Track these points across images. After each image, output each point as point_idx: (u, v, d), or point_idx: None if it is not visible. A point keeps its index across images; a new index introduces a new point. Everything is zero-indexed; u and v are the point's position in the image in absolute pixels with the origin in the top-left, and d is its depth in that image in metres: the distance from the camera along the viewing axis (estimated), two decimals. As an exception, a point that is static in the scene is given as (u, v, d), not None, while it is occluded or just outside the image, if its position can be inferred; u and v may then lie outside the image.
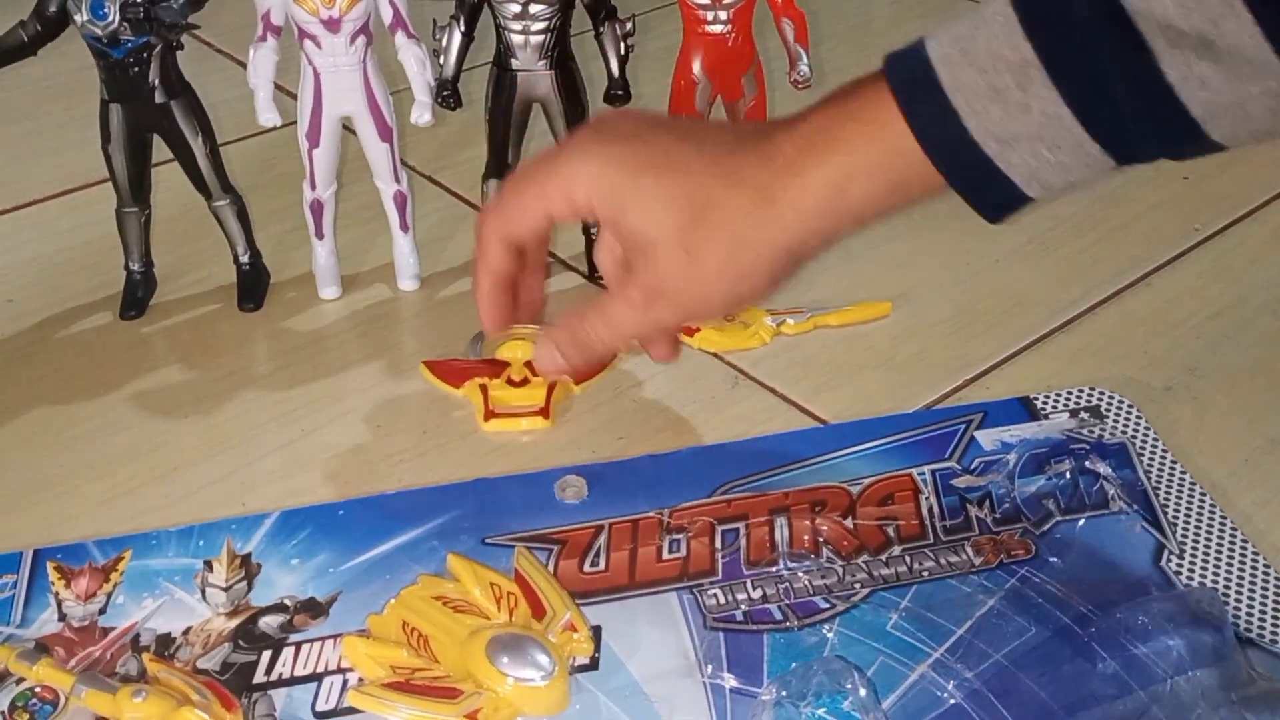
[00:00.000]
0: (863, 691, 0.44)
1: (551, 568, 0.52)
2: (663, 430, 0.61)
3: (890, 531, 0.53)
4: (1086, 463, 0.56)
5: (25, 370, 0.67)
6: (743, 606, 0.50)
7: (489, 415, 0.62)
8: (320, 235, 0.70)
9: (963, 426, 0.58)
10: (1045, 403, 0.60)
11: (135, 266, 0.71)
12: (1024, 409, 0.59)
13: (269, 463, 0.61)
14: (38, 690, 0.48)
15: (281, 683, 0.48)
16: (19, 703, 0.48)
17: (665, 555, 0.53)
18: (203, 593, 0.52)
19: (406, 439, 0.62)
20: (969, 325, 0.68)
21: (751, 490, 0.56)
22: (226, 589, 0.52)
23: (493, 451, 0.61)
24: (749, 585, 0.51)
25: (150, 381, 0.66)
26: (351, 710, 0.47)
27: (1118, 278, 0.71)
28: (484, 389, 0.63)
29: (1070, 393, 0.60)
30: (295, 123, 0.66)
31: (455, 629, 0.49)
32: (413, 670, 0.47)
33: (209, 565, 0.54)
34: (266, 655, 0.49)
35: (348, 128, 0.67)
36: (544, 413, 0.62)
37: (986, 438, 0.58)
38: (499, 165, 0.71)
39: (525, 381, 0.63)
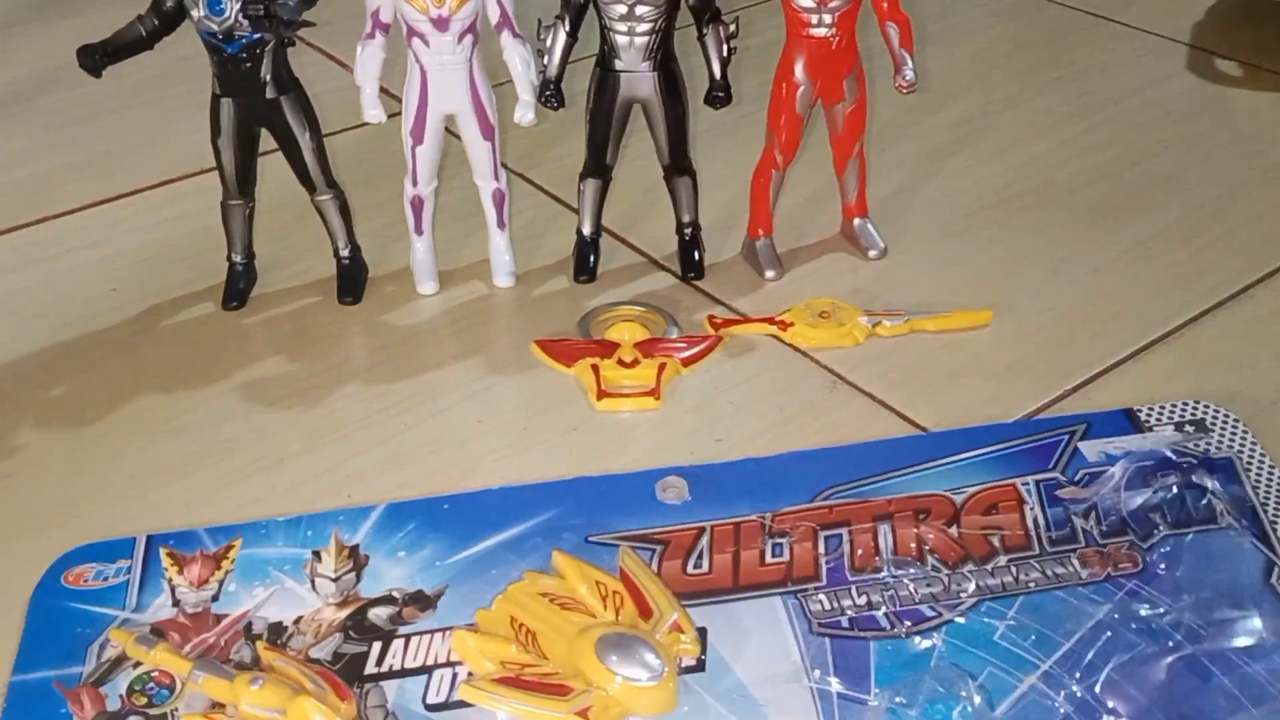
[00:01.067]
0: (978, 699, 0.44)
1: (654, 568, 0.53)
2: (761, 433, 0.61)
3: (995, 541, 0.53)
4: (1193, 477, 0.55)
5: (130, 359, 0.68)
6: (848, 613, 0.50)
7: (601, 395, 0.63)
8: (420, 231, 0.71)
9: (1066, 437, 0.58)
10: (1149, 415, 0.59)
11: (238, 258, 0.72)
12: (1128, 421, 0.59)
13: (372, 456, 0.61)
14: (155, 674, 0.49)
15: (392, 674, 0.49)
16: (136, 686, 0.49)
17: (768, 559, 0.53)
18: (312, 583, 0.53)
19: (506, 435, 0.62)
20: (1069, 335, 0.67)
21: (853, 496, 0.55)
22: (335, 579, 0.53)
23: (591, 451, 0.61)
24: (854, 591, 0.51)
25: (253, 373, 0.67)
26: (462, 704, 0.47)
27: (1219, 289, 0.70)
28: (595, 369, 0.64)
29: (1175, 405, 0.60)
30: (395, 116, 0.67)
31: (563, 626, 0.49)
32: (522, 666, 0.48)
33: (318, 555, 0.54)
34: (377, 647, 0.50)
35: (449, 129, 0.68)
36: (654, 393, 0.63)
37: (1090, 449, 0.57)
38: (597, 164, 0.71)
39: (635, 363, 0.65)
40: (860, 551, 0.53)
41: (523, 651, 0.48)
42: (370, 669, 0.49)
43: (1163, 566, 0.52)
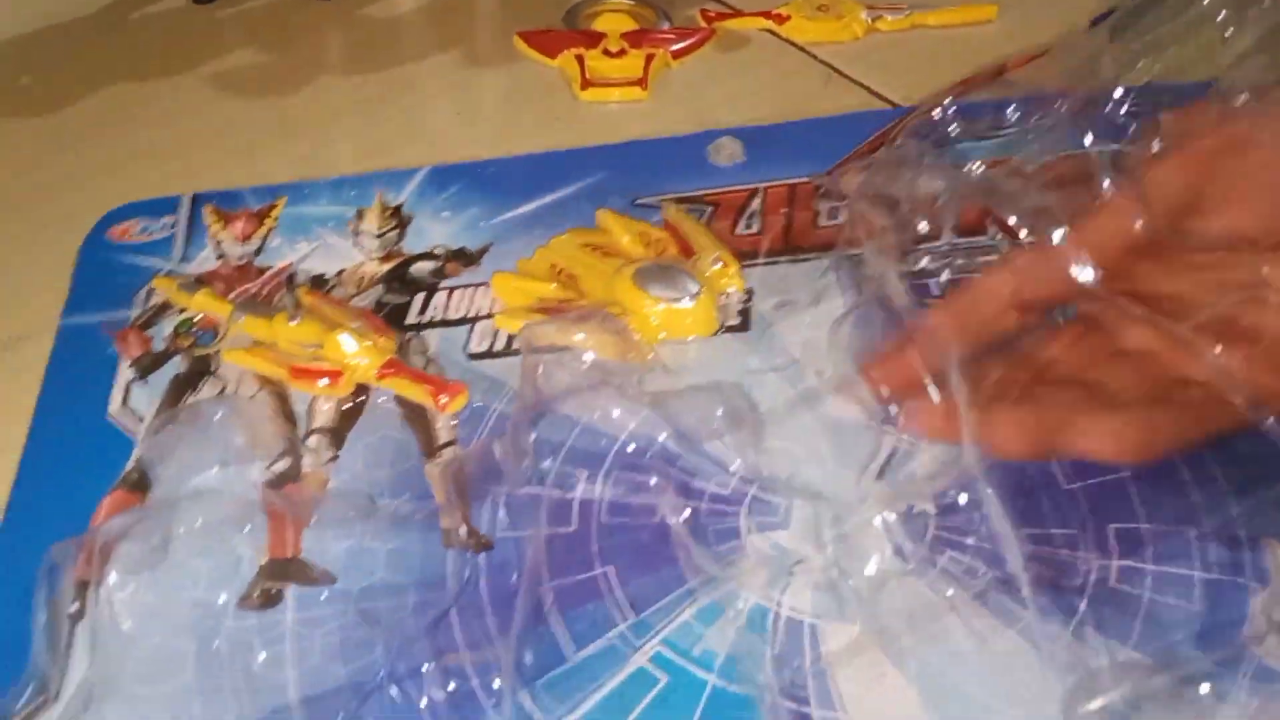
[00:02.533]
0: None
1: None
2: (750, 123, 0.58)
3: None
4: None
5: (105, 48, 0.67)
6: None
7: (585, 85, 0.60)
8: None
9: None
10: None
11: None
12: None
13: (347, 145, 0.60)
14: (199, 319, 0.50)
15: (434, 324, 0.48)
16: (182, 329, 0.49)
17: (822, 221, 0.51)
18: (355, 239, 0.53)
19: (486, 126, 0.61)
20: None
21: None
22: (379, 236, 0.52)
23: (573, 142, 0.58)
24: (910, 258, 0.49)
25: (226, 64, 0.66)
26: (504, 353, 0.47)
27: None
28: (580, 59, 0.61)
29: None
30: None
31: (603, 267, 0.48)
32: (559, 302, 0.47)
33: (360, 214, 0.53)
34: (419, 298, 0.49)
35: None
36: (641, 84, 0.60)
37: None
38: None
39: (622, 53, 0.62)
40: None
41: (560, 289, 0.48)
42: (412, 318, 0.49)
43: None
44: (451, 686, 0.37)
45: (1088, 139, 0.46)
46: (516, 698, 0.36)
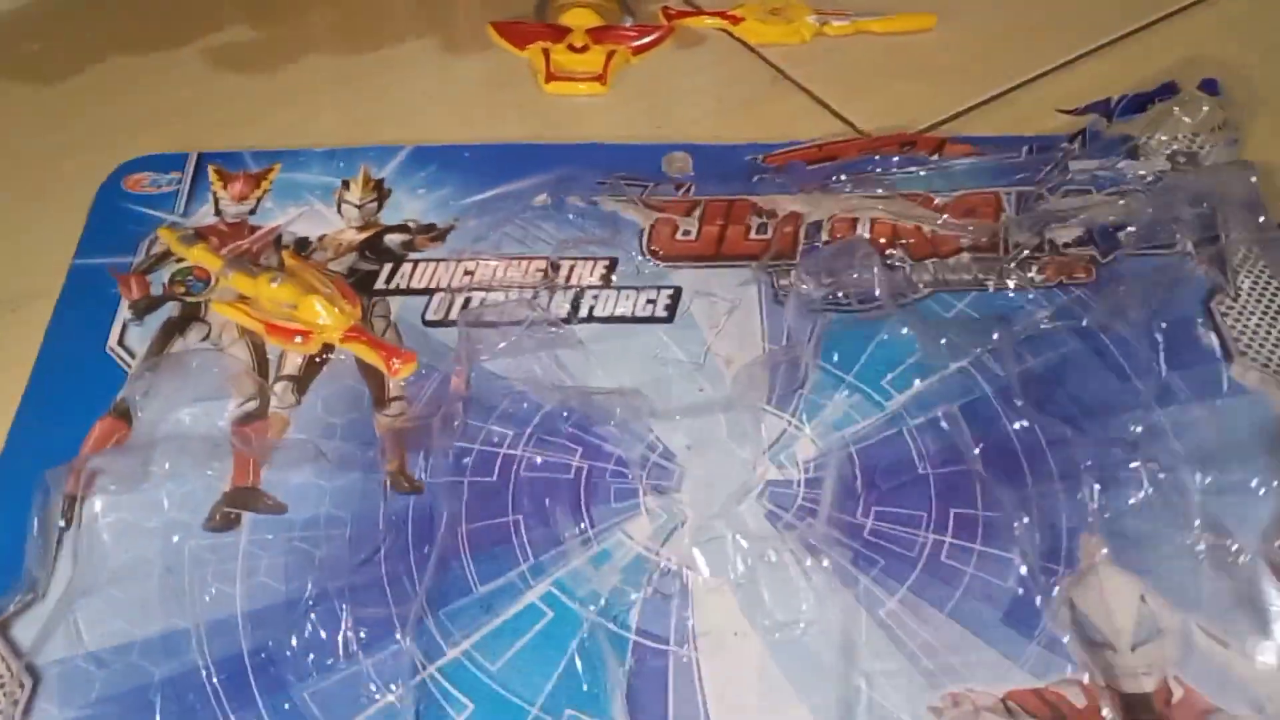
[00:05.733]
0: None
1: (646, 237, 0.57)
2: (699, 121, 0.64)
3: (964, 241, 0.56)
4: (1172, 205, 0.57)
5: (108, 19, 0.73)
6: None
7: (550, 78, 0.66)
8: None
9: (1060, 154, 0.60)
10: (1145, 142, 0.60)
11: None
12: (1121, 145, 0.60)
13: (327, 118, 0.66)
14: (194, 270, 0.56)
15: (398, 291, 0.55)
16: (178, 277, 0.56)
17: (752, 235, 0.57)
18: (339, 207, 0.59)
19: (455, 109, 0.66)
20: (1009, 40, 0.68)
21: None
22: (360, 206, 0.59)
23: (535, 129, 0.64)
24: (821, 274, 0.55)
25: (220, 39, 0.71)
26: (451, 323, 0.53)
27: (1160, 6, 0.69)
28: (546, 53, 0.67)
29: (1176, 136, 0.60)
30: None
31: None
32: None
33: (346, 184, 0.60)
34: (387, 268, 0.56)
35: None
36: (601, 79, 0.66)
37: (1079, 168, 0.59)
38: None
39: (586, 48, 0.67)
40: (837, 237, 0.57)
41: None
42: (379, 284, 0.55)
43: (1112, 280, 0.54)
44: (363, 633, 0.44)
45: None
46: (422, 623, 0.43)
